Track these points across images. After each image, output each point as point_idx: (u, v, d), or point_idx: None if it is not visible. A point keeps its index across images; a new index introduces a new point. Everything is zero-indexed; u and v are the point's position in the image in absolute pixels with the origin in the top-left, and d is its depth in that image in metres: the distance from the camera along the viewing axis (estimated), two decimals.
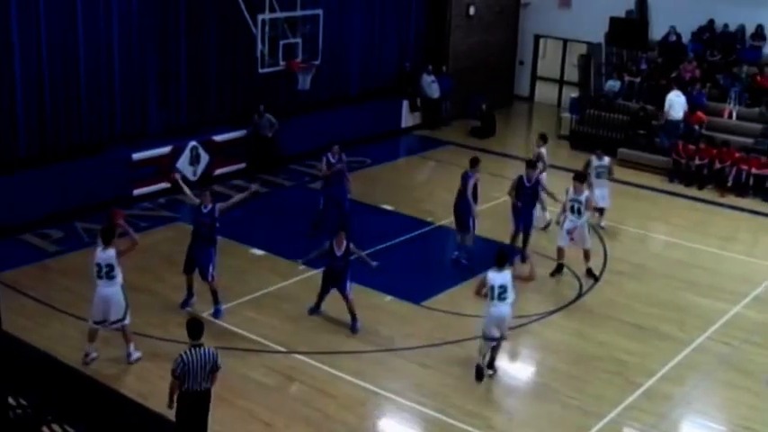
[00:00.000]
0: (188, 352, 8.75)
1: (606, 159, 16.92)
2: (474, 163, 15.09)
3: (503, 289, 11.20)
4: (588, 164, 16.86)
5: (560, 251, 14.73)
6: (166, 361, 11.36)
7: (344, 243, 12.45)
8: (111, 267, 11.35)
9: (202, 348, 8.80)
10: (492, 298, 11.20)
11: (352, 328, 12.63)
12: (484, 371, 11.56)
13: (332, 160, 15.87)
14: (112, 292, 11.32)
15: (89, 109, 16.94)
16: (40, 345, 10.17)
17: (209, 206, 12.67)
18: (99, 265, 11.33)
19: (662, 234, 17.41)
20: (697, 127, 21.12)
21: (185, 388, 8.74)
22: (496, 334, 11.40)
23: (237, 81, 19.56)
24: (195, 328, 8.91)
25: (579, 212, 14.53)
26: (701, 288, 14.65)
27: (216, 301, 12.78)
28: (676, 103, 21.12)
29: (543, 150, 16.73)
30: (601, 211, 16.88)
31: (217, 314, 12.73)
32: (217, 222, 12.66)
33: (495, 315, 11.28)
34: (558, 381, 11.61)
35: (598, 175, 16.71)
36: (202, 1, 18.53)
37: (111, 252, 11.36)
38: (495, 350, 11.64)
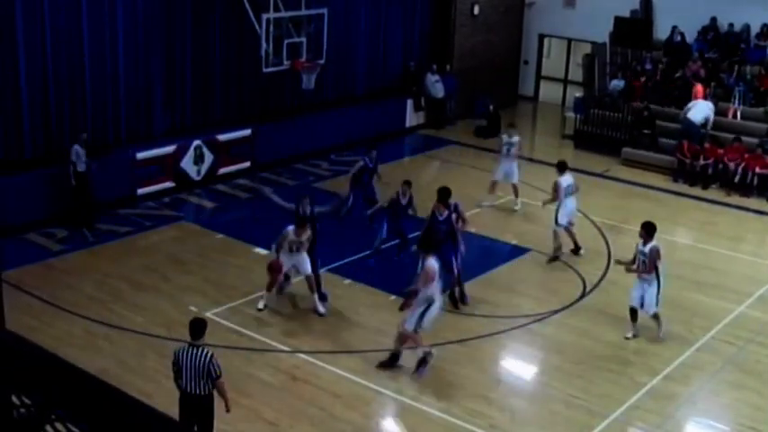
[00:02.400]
0: (183, 349, 8.75)
1: (516, 138, 17.72)
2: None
3: None
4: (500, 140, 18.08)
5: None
6: (171, 360, 11.42)
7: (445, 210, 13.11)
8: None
9: (198, 349, 8.71)
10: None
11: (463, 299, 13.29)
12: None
13: (369, 165, 16.49)
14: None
15: (94, 111, 16.96)
16: (45, 344, 10.17)
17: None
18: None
19: (667, 234, 17.32)
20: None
21: (183, 388, 8.75)
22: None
23: (242, 80, 19.56)
24: (195, 327, 8.84)
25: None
26: (706, 288, 14.62)
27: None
28: (700, 108, 20.75)
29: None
30: (515, 191, 17.79)
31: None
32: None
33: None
34: (562, 380, 11.60)
35: (507, 152, 17.67)
36: (207, 1, 18.54)
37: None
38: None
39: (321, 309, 12.95)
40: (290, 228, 12.71)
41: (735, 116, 21.63)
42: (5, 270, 13.48)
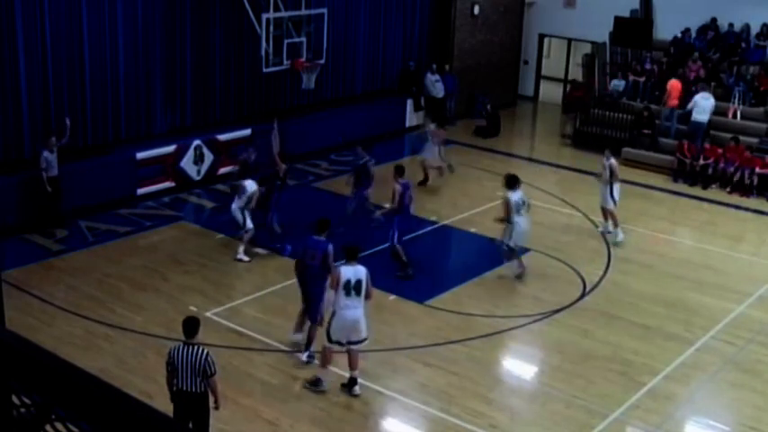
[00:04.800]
0: (178, 347, 8.76)
1: (610, 161, 16.51)
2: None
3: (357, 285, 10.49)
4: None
5: None
6: None
7: None
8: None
9: (194, 347, 8.73)
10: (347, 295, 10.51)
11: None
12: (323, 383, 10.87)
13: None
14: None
15: (94, 111, 16.96)
16: (45, 344, 10.14)
17: None
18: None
19: (668, 234, 17.38)
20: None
21: (177, 386, 8.74)
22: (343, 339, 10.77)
23: (242, 80, 19.57)
24: (189, 325, 8.86)
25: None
26: (706, 288, 14.62)
27: None
28: (702, 104, 20.80)
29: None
30: (611, 217, 16.51)
31: None
32: None
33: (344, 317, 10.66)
34: (562, 380, 11.60)
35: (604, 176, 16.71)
36: (207, 0, 18.54)
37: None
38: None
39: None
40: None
41: (735, 116, 21.65)
42: (5, 270, 13.52)
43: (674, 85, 21.79)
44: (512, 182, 14.37)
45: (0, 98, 15.47)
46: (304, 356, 11.55)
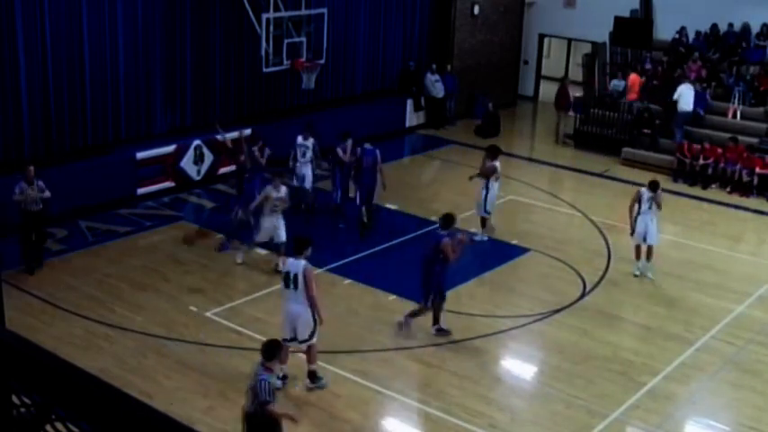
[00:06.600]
0: (255, 364, 8.73)
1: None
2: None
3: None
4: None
5: None
6: (171, 360, 11.44)
7: None
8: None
9: (261, 369, 8.68)
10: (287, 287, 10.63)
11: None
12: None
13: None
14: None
15: (94, 111, 16.96)
16: (45, 344, 10.14)
17: None
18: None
19: (668, 234, 17.34)
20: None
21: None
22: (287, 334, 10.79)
23: (242, 80, 19.57)
24: (266, 349, 8.83)
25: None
26: (706, 288, 14.62)
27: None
28: (686, 94, 21.09)
29: None
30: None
31: None
32: None
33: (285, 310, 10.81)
34: (562, 380, 11.60)
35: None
36: (207, 1, 18.54)
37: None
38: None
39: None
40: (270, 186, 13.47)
41: (735, 116, 21.65)
42: (5, 270, 13.52)
43: (634, 79, 22.49)
44: (497, 152, 15.97)
45: (0, 98, 15.48)
46: (433, 330, 12.42)
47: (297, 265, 10.58)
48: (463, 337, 12.48)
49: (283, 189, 14.01)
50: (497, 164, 15.82)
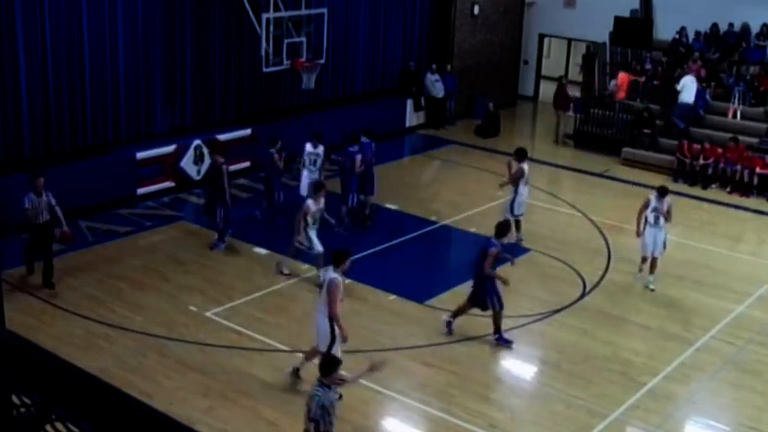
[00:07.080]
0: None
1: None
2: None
3: None
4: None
5: None
6: (171, 360, 11.44)
7: None
8: None
9: (317, 384, 8.43)
10: None
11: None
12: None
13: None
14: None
15: (94, 111, 16.96)
16: (45, 344, 10.13)
17: None
18: None
19: (668, 234, 17.36)
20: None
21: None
22: None
23: (242, 80, 19.56)
24: (322, 365, 8.55)
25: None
26: (706, 288, 14.62)
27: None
28: (689, 86, 21.19)
29: None
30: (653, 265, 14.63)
31: None
32: None
33: None
34: (562, 380, 11.60)
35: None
36: (207, 1, 18.54)
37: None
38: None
39: None
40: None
41: (735, 116, 21.65)
42: (5, 270, 13.52)
43: (623, 78, 22.63)
44: (523, 154, 15.82)
45: (0, 98, 15.47)
46: (493, 338, 12.41)
47: (326, 276, 10.72)
48: (463, 337, 12.48)
49: (322, 201, 13.79)
50: (525, 166, 15.71)
